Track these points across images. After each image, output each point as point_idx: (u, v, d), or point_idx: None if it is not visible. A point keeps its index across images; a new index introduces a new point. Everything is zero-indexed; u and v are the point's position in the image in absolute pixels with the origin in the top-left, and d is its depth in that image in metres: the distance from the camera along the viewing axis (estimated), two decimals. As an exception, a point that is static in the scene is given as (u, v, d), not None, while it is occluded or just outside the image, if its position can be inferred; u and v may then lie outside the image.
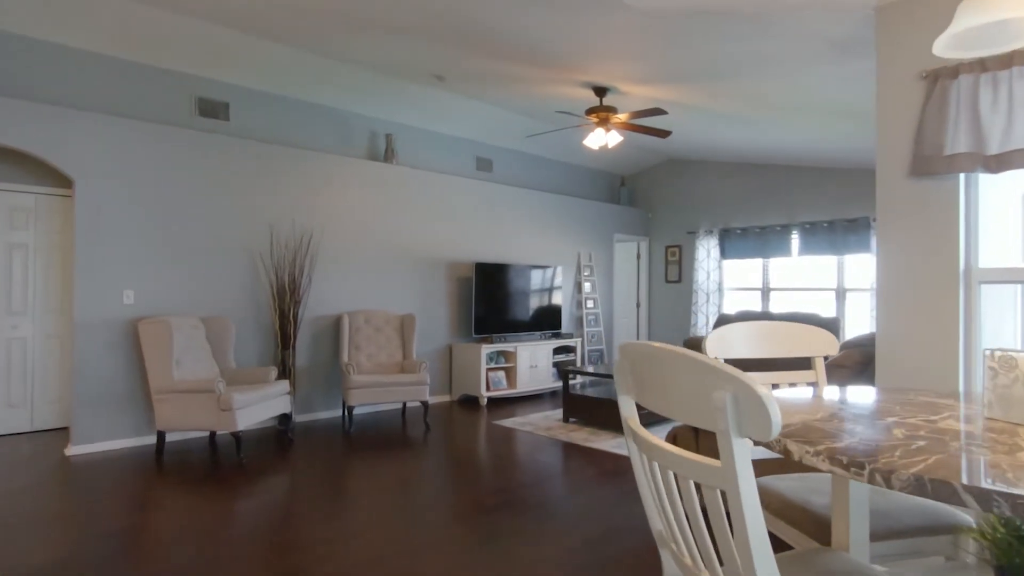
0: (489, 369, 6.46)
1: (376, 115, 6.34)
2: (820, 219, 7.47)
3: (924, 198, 2.38)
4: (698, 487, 0.99)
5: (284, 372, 5.16)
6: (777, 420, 0.82)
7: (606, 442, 4.75)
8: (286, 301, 5.21)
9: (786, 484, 1.79)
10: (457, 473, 3.91)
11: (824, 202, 7.45)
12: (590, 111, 4.85)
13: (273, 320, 5.27)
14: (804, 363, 3.32)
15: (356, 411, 5.78)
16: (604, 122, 4.86)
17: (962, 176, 2.34)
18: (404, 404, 5.94)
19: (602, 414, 5.16)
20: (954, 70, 2.29)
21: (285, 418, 4.88)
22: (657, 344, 1.06)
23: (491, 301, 6.67)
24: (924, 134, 2.34)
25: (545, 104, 5.83)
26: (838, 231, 7.28)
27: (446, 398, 6.60)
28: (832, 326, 7.18)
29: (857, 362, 2.58)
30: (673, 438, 3.27)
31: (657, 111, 4.41)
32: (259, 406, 4.35)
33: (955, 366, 2.31)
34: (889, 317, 2.47)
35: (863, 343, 2.83)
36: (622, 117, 4.77)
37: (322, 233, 5.62)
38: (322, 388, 5.61)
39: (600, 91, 4.87)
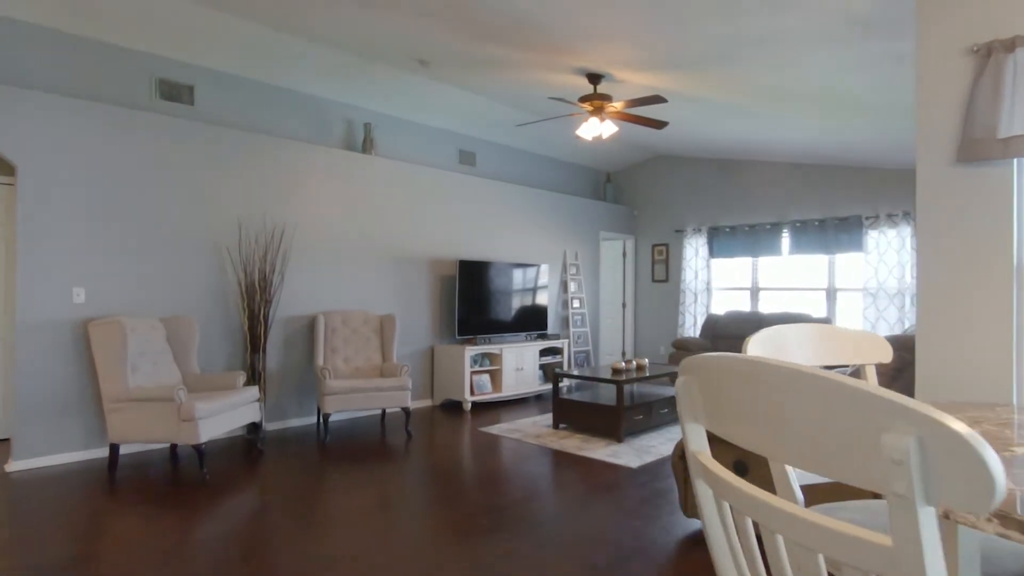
0: (473, 372, 6.14)
1: (354, 103, 5.98)
2: (811, 217, 7.32)
3: (973, 186, 2.15)
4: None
5: (253, 377, 4.78)
6: (1001, 482, 0.53)
7: (600, 450, 4.47)
8: (256, 300, 4.83)
9: (852, 519, 1.51)
10: (443, 488, 3.59)
11: (815, 200, 7.30)
12: (584, 99, 4.57)
13: (242, 321, 4.88)
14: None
15: (332, 418, 5.42)
16: (599, 111, 4.58)
17: (1016, 161, 2.11)
18: (383, 410, 5.59)
19: (594, 420, 4.89)
20: (1010, 43, 2.05)
21: (254, 427, 4.51)
22: (765, 359, 0.77)
23: (475, 301, 6.36)
24: (974, 115, 2.10)
25: (535, 93, 5.54)
26: (829, 230, 7.14)
27: (428, 403, 6.27)
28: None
29: (891, 368, 2.35)
30: (682, 451, 3.00)
31: (657, 99, 4.15)
32: (225, 415, 3.97)
33: (1008, 373, 2.08)
34: (931, 320, 2.23)
35: (893, 346, 2.61)
36: (617, 106, 4.50)
37: (295, 227, 5.24)
38: (295, 394, 5.24)
39: (594, 78, 4.59)
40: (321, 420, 4.92)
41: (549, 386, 6.84)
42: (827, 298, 7.30)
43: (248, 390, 4.24)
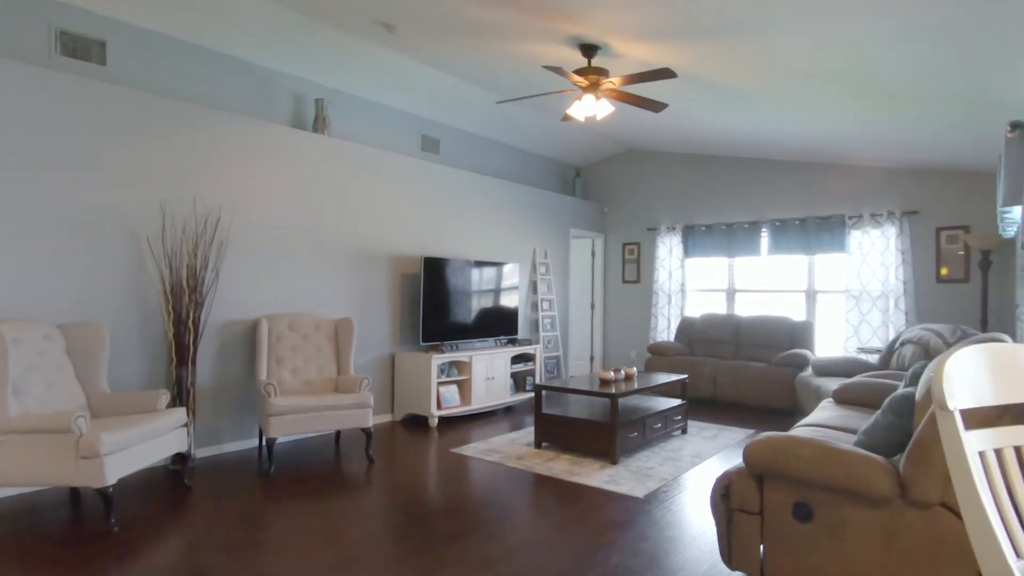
0: (440, 383, 5.46)
1: (304, 75, 5.19)
2: (792, 216, 7.01)
3: None
4: None
5: (180, 396, 3.96)
6: None
7: (595, 475, 3.90)
8: (184, 302, 4.01)
9: None
10: (418, 534, 2.92)
11: (796, 198, 7.00)
12: (578, 72, 4.00)
13: (166, 327, 4.05)
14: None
15: (278, 442, 4.62)
16: (594, 87, 4.02)
17: None
18: (338, 431, 4.85)
19: (582, 438, 4.32)
20: None
21: (181, 457, 3.70)
22: None
23: (441, 303, 5.68)
24: None
25: (515, 68, 4.92)
26: (811, 229, 6.85)
27: (387, 418, 5.54)
28: (804, 330, 6.73)
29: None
30: (725, 488, 2.45)
31: (665, 73, 3.61)
32: (141, 447, 3.17)
33: None
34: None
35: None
36: (615, 81, 3.95)
37: (233, 215, 4.43)
38: (232, 414, 4.43)
39: (589, 50, 4.03)
40: (264, 444, 4.15)
41: (520, 397, 6.24)
42: (807, 300, 7.02)
43: (172, 413, 3.44)
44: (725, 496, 2.47)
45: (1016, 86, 3.50)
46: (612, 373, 4.76)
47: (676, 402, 5.03)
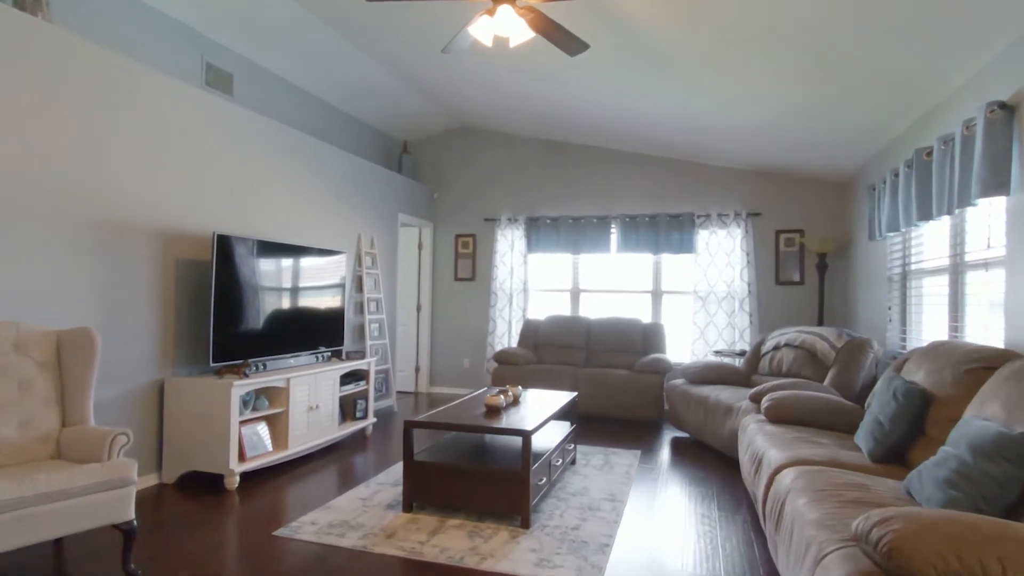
0: (243, 422, 3.71)
1: (-3, -85, 3.04)
2: (642, 212, 6.61)
3: None
4: None
5: None
6: None
7: (513, 553, 2.70)
8: None
9: None
10: None
11: (647, 194, 6.62)
12: (492, -29, 2.76)
13: None
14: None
15: (-76, 556, 2.50)
16: (513, -3, 2.82)
17: None
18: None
19: (473, 493, 3.07)
20: None
21: None
22: None
23: (242, 303, 3.91)
24: None
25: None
26: (661, 227, 6.51)
27: (152, 481, 3.60)
28: (656, 333, 6.35)
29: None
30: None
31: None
32: None
33: None
34: None
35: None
36: (543, -6, 2.81)
37: None
38: None
39: (505, -57, 2.82)
40: None
41: (350, 428, 4.71)
42: (653, 301, 6.69)
43: None
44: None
45: (934, 67, 3.24)
46: (501, 397, 3.59)
47: (567, 427, 4.06)
